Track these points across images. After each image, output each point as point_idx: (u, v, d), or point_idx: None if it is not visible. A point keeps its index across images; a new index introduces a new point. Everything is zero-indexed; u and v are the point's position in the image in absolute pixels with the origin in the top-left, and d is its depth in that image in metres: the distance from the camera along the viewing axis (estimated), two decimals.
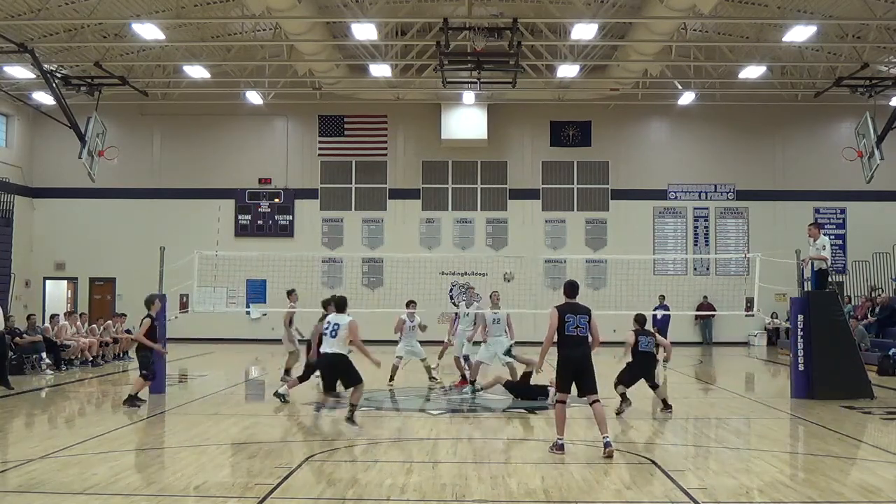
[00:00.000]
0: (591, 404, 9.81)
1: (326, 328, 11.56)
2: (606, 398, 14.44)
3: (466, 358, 16.28)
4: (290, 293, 17.25)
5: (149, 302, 14.23)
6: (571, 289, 10.13)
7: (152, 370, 13.90)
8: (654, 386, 13.32)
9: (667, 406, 13.10)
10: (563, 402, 9.81)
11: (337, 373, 11.62)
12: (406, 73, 27.42)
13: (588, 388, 9.75)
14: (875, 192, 27.35)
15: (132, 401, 13.52)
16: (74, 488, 7.90)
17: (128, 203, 30.71)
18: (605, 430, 9.66)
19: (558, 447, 9.70)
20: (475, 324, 16.07)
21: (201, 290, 18.37)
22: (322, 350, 11.64)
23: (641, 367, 13.30)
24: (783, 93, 28.33)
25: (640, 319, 13.44)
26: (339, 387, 12.18)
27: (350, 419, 11.43)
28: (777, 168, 30.85)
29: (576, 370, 9.70)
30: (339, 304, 11.88)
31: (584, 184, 30.90)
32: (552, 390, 12.69)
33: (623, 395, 13.16)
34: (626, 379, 13.21)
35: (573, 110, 30.40)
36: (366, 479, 8.43)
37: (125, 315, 23.90)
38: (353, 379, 11.57)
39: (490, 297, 16.06)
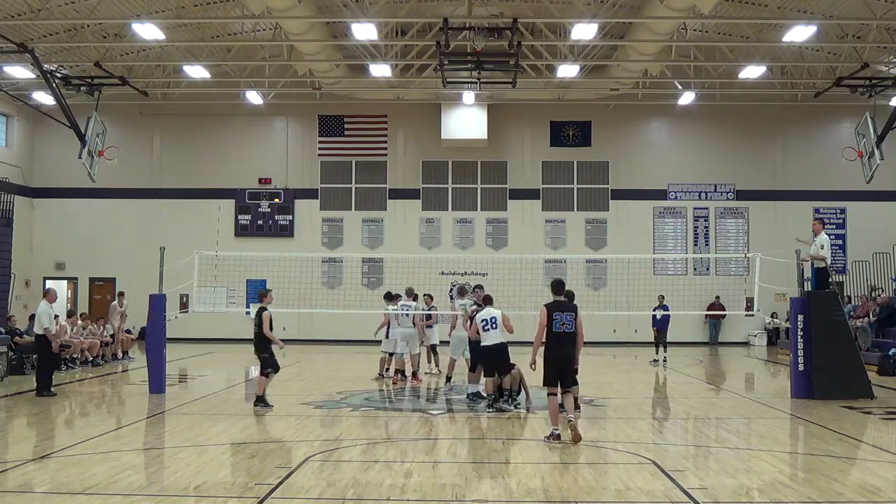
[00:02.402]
0: (563, 394, 10.52)
1: (485, 323, 13.01)
2: (607, 397, 14.47)
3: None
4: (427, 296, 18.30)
5: (262, 294, 13.99)
6: (558, 287, 10.73)
7: (276, 363, 13.56)
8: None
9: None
10: (555, 395, 10.44)
11: (499, 360, 12.91)
12: (406, 73, 27.42)
13: (568, 381, 10.58)
14: (875, 192, 27.35)
15: (261, 401, 13.24)
16: (74, 488, 7.90)
17: (128, 203, 30.71)
18: (570, 410, 10.57)
19: (554, 437, 10.27)
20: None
21: (201, 290, 18.38)
22: (486, 342, 12.99)
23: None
24: (783, 93, 28.33)
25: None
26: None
27: (508, 401, 12.91)
28: (777, 168, 30.85)
29: (561, 364, 10.42)
30: (488, 300, 13.69)
31: (584, 184, 30.90)
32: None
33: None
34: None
35: (573, 110, 30.39)
36: (366, 479, 8.43)
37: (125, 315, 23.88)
38: (508, 367, 13.00)
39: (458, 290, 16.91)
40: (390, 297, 17.73)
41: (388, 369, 17.27)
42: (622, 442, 10.71)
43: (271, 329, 13.58)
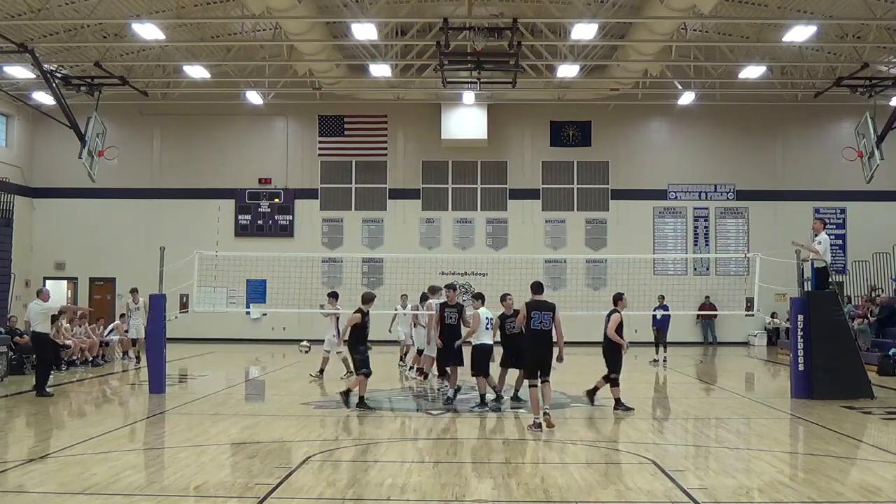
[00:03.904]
0: (541, 382, 11.37)
1: (488, 322, 13.12)
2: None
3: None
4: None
5: (368, 299, 13.54)
6: (537, 288, 11.69)
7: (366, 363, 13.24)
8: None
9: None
10: (535, 387, 11.32)
11: (489, 359, 13.21)
12: (406, 73, 27.42)
13: (544, 372, 11.42)
14: (875, 192, 27.34)
15: (363, 404, 12.99)
16: (74, 488, 7.90)
17: (128, 203, 30.72)
18: (547, 401, 11.37)
19: (536, 426, 11.12)
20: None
21: (201, 290, 18.38)
22: (484, 341, 13.04)
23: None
24: (783, 93, 28.34)
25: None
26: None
27: (497, 402, 13.26)
28: (777, 168, 30.85)
29: (540, 359, 11.36)
30: (482, 298, 13.62)
31: (584, 184, 30.90)
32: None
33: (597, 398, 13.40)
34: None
35: (573, 110, 30.40)
36: (366, 479, 8.44)
37: (125, 315, 23.90)
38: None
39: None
40: (335, 297, 17.92)
41: (417, 367, 17.45)
42: (622, 442, 10.71)
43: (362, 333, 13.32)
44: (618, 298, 13.41)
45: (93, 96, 23.53)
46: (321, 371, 17.67)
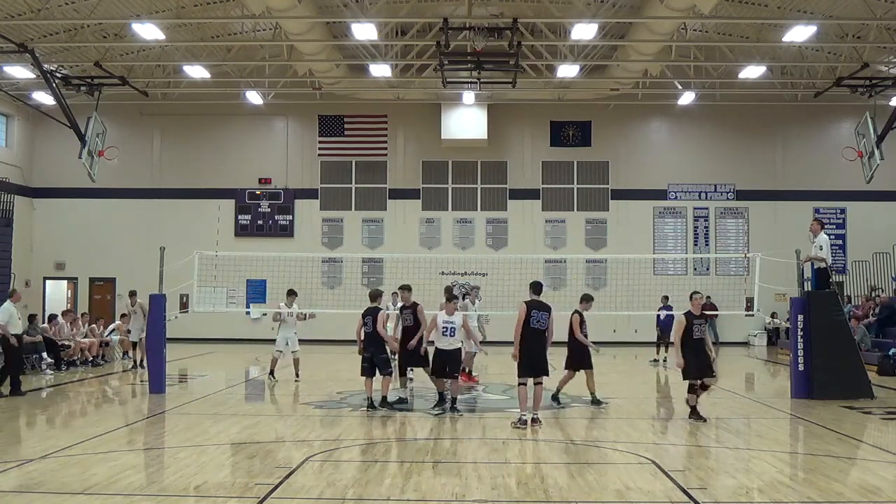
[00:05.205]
0: (535, 384, 11.55)
1: (445, 328, 12.89)
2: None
3: None
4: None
5: (375, 296, 13.46)
6: (537, 288, 11.83)
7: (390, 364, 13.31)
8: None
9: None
10: (524, 385, 11.46)
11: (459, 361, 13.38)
12: (406, 73, 27.42)
13: (539, 371, 11.57)
14: (875, 192, 27.34)
15: (386, 403, 13.08)
16: (74, 488, 7.90)
17: (128, 203, 30.72)
18: (537, 407, 11.65)
19: (522, 422, 11.33)
20: None
21: (201, 290, 18.37)
22: (443, 345, 12.95)
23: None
24: (783, 93, 28.33)
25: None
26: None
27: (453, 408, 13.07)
28: (777, 168, 30.85)
29: (535, 358, 11.47)
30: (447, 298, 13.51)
31: (584, 184, 30.90)
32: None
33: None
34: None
35: (573, 110, 30.39)
36: (366, 479, 8.43)
37: (126, 315, 23.90)
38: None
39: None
40: (293, 294, 17.56)
41: None
42: (622, 442, 10.71)
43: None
44: (689, 298, 12.48)
45: (93, 96, 23.54)
46: (271, 372, 17.32)
